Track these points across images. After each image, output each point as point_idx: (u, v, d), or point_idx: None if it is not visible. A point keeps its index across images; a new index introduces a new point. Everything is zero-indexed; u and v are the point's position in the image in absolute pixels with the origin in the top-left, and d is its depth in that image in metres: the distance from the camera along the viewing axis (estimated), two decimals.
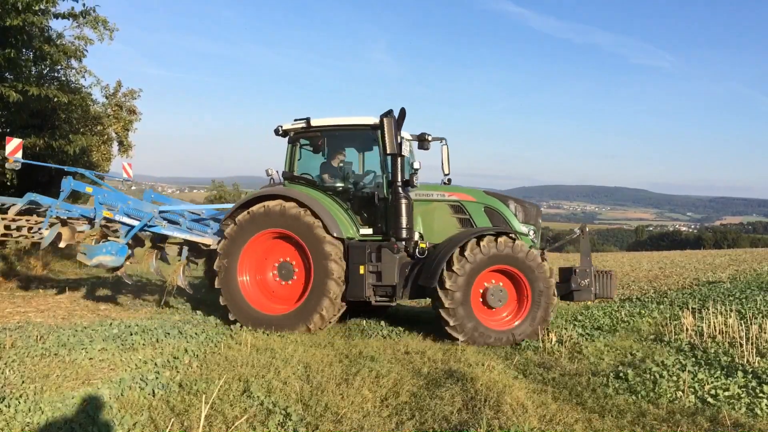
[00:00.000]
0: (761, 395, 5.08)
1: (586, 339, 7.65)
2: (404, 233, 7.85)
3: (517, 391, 5.18)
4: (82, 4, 13.16)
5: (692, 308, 9.68)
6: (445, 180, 9.27)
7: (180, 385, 5.13)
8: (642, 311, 9.94)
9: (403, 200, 7.84)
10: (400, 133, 7.87)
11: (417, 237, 8.21)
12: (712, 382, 5.44)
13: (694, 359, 6.46)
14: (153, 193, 10.28)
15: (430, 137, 9.15)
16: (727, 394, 5.15)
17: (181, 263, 9.53)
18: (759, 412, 4.76)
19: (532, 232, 8.47)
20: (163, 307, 9.97)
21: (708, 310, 8.69)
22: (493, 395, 4.96)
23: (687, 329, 7.78)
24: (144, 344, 6.63)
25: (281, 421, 4.38)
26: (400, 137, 7.84)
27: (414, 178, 7.95)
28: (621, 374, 5.79)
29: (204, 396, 4.60)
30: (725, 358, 6.35)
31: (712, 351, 6.75)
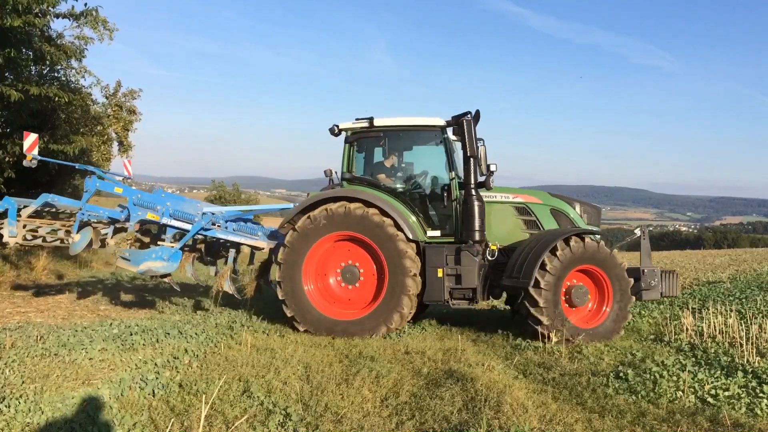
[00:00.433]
0: (761, 395, 5.08)
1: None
2: (478, 236, 7.90)
3: (518, 391, 5.18)
4: (84, 4, 13.17)
5: (692, 308, 9.68)
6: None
7: (180, 385, 5.12)
8: (642, 311, 9.94)
9: (477, 202, 7.90)
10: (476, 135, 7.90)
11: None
12: (712, 382, 5.44)
13: (694, 359, 6.46)
14: (163, 192, 9.78)
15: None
16: (727, 394, 5.15)
17: (228, 268, 9.01)
18: (759, 412, 4.76)
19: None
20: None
21: (708, 310, 8.69)
22: (493, 395, 4.96)
23: (687, 329, 7.77)
24: (144, 344, 6.63)
25: (281, 421, 4.38)
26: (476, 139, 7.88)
27: (490, 180, 8.07)
28: (621, 374, 5.79)
29: (204, 396, 4.60)
30: (725, 358, 6.35)
31: (712, 351, 6.75)
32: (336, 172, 9.02)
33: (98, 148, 22.12)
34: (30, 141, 8.44)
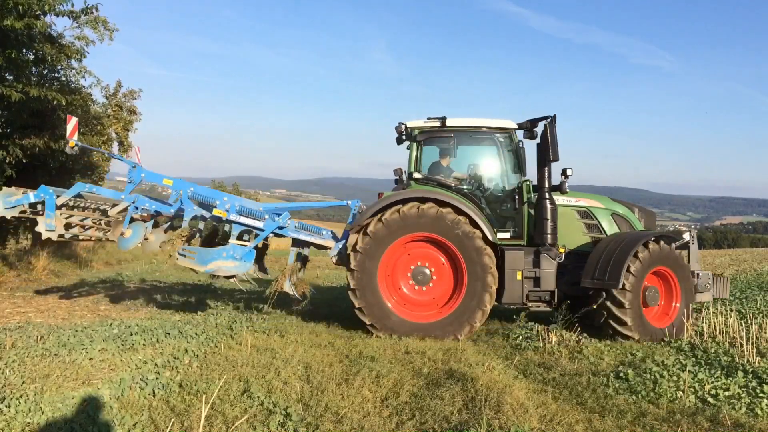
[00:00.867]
0: (761, 395, 5.09)
1: (587, 339, 7.65)
2: (551, 239, 8.05)
3: (518, 391, 5.18)
4: (84, 1, 13.16)
5: (692, 308, 9.68)
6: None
7: (180, 386, 5.12)
8: None
9: (551, 206, 8.05)
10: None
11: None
12: (713, 382, 5.44)
13: (694, 359, 6.46)
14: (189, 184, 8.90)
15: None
16: (727, 394, 5.16)
17: (290, 267, 8.62)
18: (759, 412, 4.76)
19: None
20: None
21: (708, 309, 8.69)
22: (493, 395, 4.96)
23: (687, 329, 7.78)
24: (144, 344, 6.63)
25: (281, 421, 4.38)
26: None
27: (565, 185, 8.24)
28: (621, 374, 5.79)
29: (204, 396, 4.60)
30: (725, 358, 6.35)
31: (713, 351, 6.75)
32: (404, 172, 9.03)
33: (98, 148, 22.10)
34: (72, 125, 8.03)
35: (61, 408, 4.41)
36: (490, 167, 8.75)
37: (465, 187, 8.59)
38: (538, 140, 8.16)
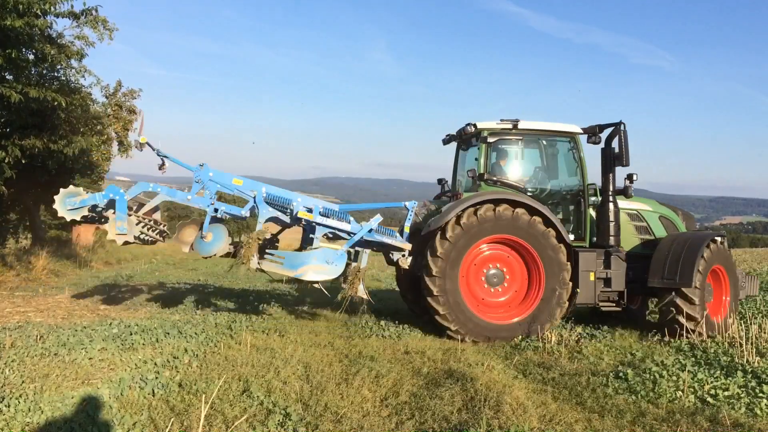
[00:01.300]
0: (761, 395, 5.09)
1: (586, 339, 7.66)
2: (614, 241, 8.29)
3: (517, 391, 5.18)
4: (83, 3, 13.16)
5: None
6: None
7: (180, 385, 5.12)
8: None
9: (615, 209, 8.31)
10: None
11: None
12: (712, 382, 5.44)
13: (693, 359, 6.46)
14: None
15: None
16: (726, 394, 5.16)
17: (363, 271, 8.16)
18: (759, 411, 4.76)
19: None
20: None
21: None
22: (492, 395, 4.96)
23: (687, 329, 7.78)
24: (144, 344, 6.63)
25: (281, 420, 4.37)
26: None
27: (630, 189, 8.60)
28: (621, 374, 5.80)
29: (204, 396, 4.60)
30: (725, 358, 6.35)
31: (712, 351, 6.76)
32: (447, 182, 9.43)
33: (98, 147, 22.10)
34: (140, 120, 7.87)
35: (61, 407, 4.41)
36: (555, 170, 8.95)
37: (529, 188, 8.73)
38: (602, 145, 8.42)
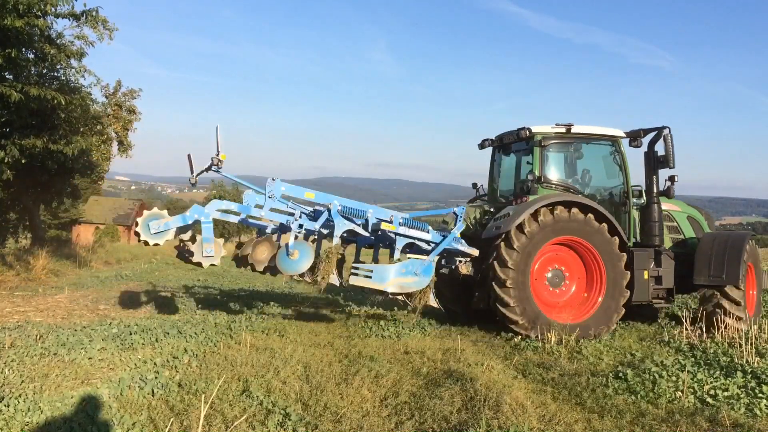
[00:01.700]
0: (760, 395, 5.09)
1: (586, 339, 7.65)
2: (658, 240, 8.63)
3: (517, 391, 5.18)
4: (84, 4, 13.17)
5: (691, 308, 9.69)
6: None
7: (179, 385, 5.12)
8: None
9: (658, 209, 8.68)
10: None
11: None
12: (712, 383, 5.44)
13: (693, 359, 6.46)
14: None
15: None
16: (726, 394, 5.15)
17: (433, 279, 7.91)
18: (758, 412, 4.76)
19: None
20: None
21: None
22: (492, 395, 4.96)
23: (686, 329, 7.77)
24: (143, 344, 6.63)
25: (280, 420, 4.37)
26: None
27: (672, 190, 8.95)
28: (620, 374, 5.79)
29: (203, 396, 4.60)
30: (724, 358, 6.35)
31: (712, 351, 6.75)
32: (482, 186, 9.64)
33: (98, 147, 22.09)
34: (216, 137, 7.92)
35: (60, 407, 4.41)
36: (600, 172, 9.16)
37: (579, 191, 8.87)
38: (644, 149, 8.75)
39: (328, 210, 7.19)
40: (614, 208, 8.80)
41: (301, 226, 7.23)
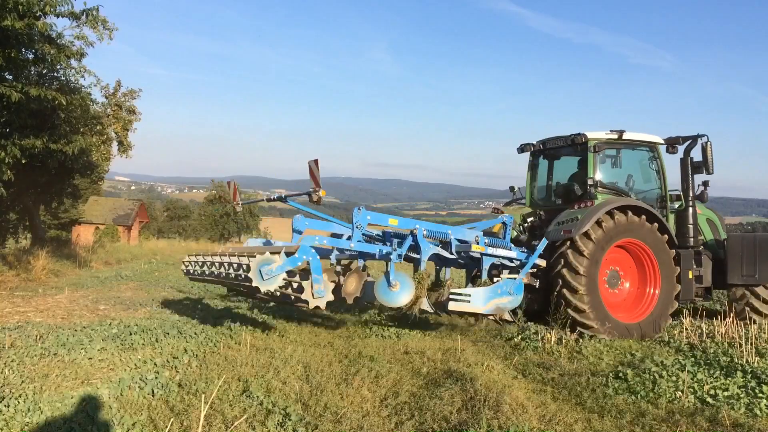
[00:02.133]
0: (760, 395, 5.08)
1: (586, 339, 7.65)
2: (693, 242, 9.09)
3: (517, 391, 5.18)
4: (84, 3, 13.16)
5: (691, 308, 9.69)
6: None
7: (179, 385, 5.12)
8: None
9: (695, 212, 9.19)
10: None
11: None
12: (712, 382, 5.44)
13: (693, 359, 6.45)
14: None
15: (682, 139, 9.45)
16: (726, 394, 5.15)
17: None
18: (758, 412, 4.76)
19: None
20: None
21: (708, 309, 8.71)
22: (492, 395, 4.96)
23: (686, 329, 7.78)
24: (143, 344, 6.63)
25: (281, 421, 4.37)
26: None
27: (706, 194, 9.38)
28: (620, 374, 5.79)
29: (203, 396, 4.60)
30: (724, 358, 6.34)
31: (712, 351, 6.75)
32: (518, 189, 9.92)
33: (98, 148, 22.07)
34: (232, 190, 8.20)
35: (60, 407, 4.41)
36: (641, 177, 9.49)
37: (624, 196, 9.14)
38: (681, 155, 9.26)
39: (412, 235, 7.16)
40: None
41: (401, 256, 7.10)
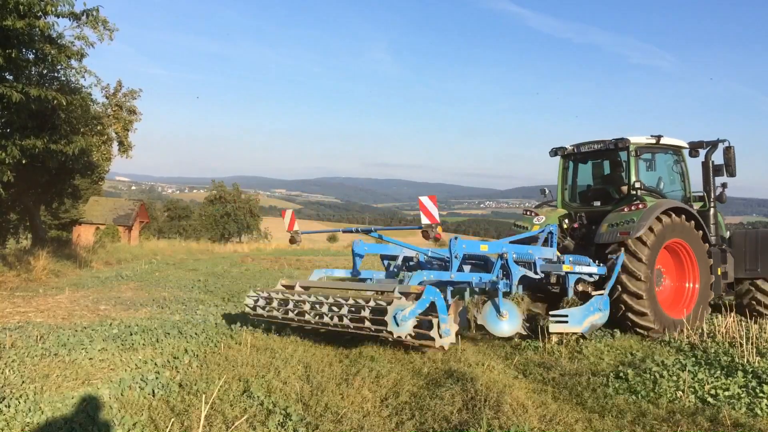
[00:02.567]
0: (761, 395, 5.08)
1: (586, 339, 7.65)
2: (715, 240, 9.47)
3: (517, 391, 5.18)
4: (84, 3, 13.18)
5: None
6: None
7: (180, 385, 5.12)
8: None
9: (716, 212, 9.76)
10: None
11: None
12: (712, 382, 5.44)
13: (694, 359, 6.45)
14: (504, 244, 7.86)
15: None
16: (727, 393, 5.15)
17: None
18: (759, 411, 4.75)
19: None
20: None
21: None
22: (493, 395, 4.96)
23: (687, 329, 7.78)
24: (144, 344, 6.63)
25: (281, 421, 4.37)
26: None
27: (724, 195, 9.77)
28: (621, 374, 5.79)
29: (204, 396, 4.60)
30: (725, 358, 6.34)
31: (712, 351, 6.75)
32: (549, 191, 10.16)
33: (98, 148, 22.08)
34: (288, 218, 8.18)
35: (61, 408, 4.41)
36: (669, 179, 9.81)
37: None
38: (702, 159, 9.80)
39: (503, 259, 7.34)
40: None
41: (508, 285, 7.31)
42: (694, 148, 9.72)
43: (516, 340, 7.62)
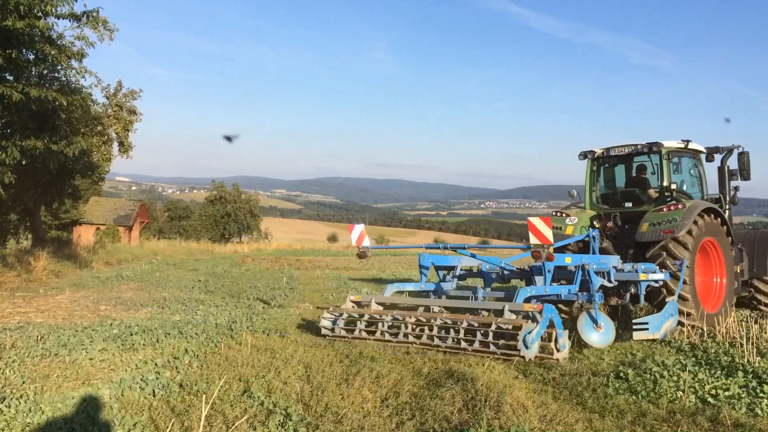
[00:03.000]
0: (761, 395, 5.08)
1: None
2: (731, 240, 9.67)
3: (518, 391, 5.18)
4: (84, 5, 13.19)
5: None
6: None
7: (180, 386, 5.13)
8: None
9: (731, 215, 10.11)
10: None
11: None
12: (713, 382, 5.44)
13: (694, 359, 6.45)
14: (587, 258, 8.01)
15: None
16: (727, 394, 5.15)
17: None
18: (759, 412, 4.75)
19: None
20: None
21: None
22: (493, 395, 4.96)
23: (687, 329, 7.77)
24: (144, 344, 6.63)
25: (281, 421, 4.38)
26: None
27: (737, 197, 10.20)
28: (621, 374, 5.79)
29: (204, 396, 4.60)
30: (725, 358, 6.34)
31: (713, 351, 6.75)
32: (577, 193, 10.30)
33: (98, 148, 22.09)
34: (357, 233, 8.32)
35: (61, 408, 4.42)
36: (690, 182, 10.18)
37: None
38: (718, 163, 10.26)
39: (585, 271, 7.66)
40: None
41: (602, 297, 7.66)
42: (711, 153, 10.18)
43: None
